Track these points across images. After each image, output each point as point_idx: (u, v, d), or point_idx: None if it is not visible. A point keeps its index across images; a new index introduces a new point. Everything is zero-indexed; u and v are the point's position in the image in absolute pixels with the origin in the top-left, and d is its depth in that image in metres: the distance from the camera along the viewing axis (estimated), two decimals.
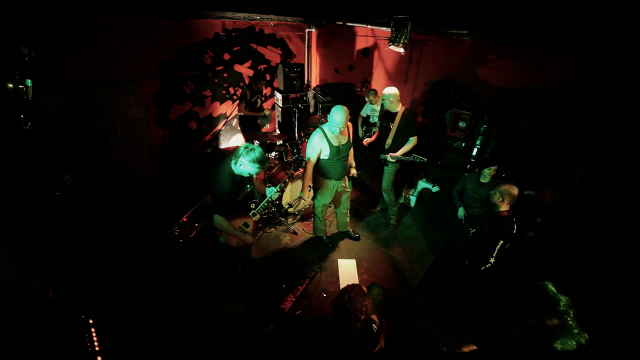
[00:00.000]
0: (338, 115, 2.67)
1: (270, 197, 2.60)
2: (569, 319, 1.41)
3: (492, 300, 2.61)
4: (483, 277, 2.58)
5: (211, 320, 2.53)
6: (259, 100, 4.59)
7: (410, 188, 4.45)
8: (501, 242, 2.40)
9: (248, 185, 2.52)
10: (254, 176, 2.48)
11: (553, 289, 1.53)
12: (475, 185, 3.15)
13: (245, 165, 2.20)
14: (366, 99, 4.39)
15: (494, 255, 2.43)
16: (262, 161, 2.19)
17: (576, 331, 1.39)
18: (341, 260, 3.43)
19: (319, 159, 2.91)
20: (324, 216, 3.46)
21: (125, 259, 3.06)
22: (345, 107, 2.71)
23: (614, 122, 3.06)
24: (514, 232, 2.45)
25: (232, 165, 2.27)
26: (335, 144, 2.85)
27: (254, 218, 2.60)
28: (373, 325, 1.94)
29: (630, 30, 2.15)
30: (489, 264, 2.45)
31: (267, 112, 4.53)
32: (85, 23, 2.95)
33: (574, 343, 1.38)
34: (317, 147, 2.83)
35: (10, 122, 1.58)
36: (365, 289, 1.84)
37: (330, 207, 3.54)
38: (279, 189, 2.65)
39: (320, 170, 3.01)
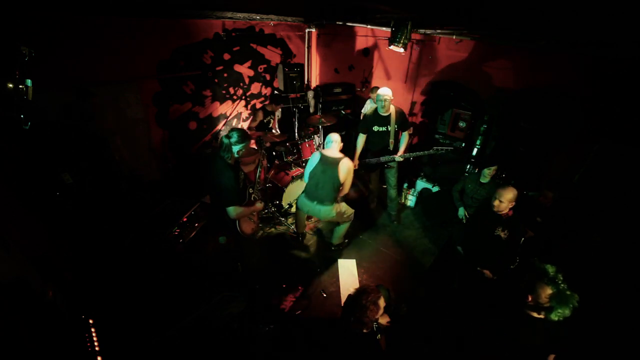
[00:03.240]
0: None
1: (258, 177, 2.93)
2: (560, 282, 1.55)
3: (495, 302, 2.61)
4: (507, 279, 2.59)
5: (211, 320, 2.54)
6: (271, 121, 4.61)
7: (410, 188, 4.45)
8: (522, 239, 2.53)
9: (241, 173, 2.68)
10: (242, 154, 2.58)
11: (539, 263, 1.70)
12: (475, 185, 3.15)
13: (235, 146, 2.42)
14: (371, 95, 4.38)
15: (520, 255, 2.54)
16: (244, 136, 2.44)
17: (568, 293, 1.53)
18: (341, 260, 3.43)
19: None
20: None
21: (125, 259, 3.06)
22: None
23: (614, 122, 3.06)
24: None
25: (226, 158, 2.44)
26: None
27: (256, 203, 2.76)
28: (378, 335, 1.93)
29: (630, 30, 2.15)
30: (517, 263, 2.54)
31: (275, 132, 4.57)
32: (85, 23, 2.94)
33: (569, 309, 1.50)
34: None
35: (11, 122, 1.58)
36: (382, 300, 1.82)
37: None
38: (260, 167, 3.04)
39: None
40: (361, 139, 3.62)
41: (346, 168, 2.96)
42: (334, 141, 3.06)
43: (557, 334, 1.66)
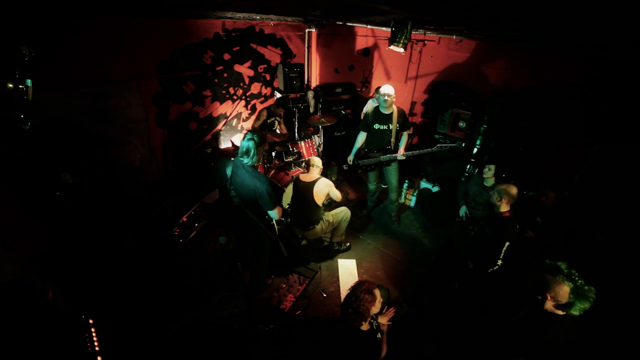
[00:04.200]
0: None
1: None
2: (577, 278, 1.53)
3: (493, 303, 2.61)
4: (489, 279, 2.58)
5: (211, 320, 2.54)
6: (276, 122, 4.58)
7: (410, 188, 4.45)
8: (507, 243, 2.40)
9: None
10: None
11: (550, 261, 1.68)
12: (479, 188, 3.14)
13: (259, 147, 2.28)
14: (375, 95, 4.38)
15: (501, 257, 2.43)
16: (264, 137, 2.31)
17: (586, 287, 1.52)
18: (341, 260, 3.44)
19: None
20: None
21: (125, 259, 3.06)
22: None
23: (614, 122, 3.06)
24: (517, 232, 2.45)
25: (251, 163, 2.30)
26: None
27: None
28: (378, 334, 1.95)
29: (630, 31, 2.15)
30: (497, 266, 2.46)
31: (278, 131, 4.55)
32: (85, 24, 2.95)
33: (588, 303, 1.50)
34: None
35: (11, 122, 1.58)
36: (378, 291, 1.87)
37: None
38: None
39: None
40: (361, 137, 3.62)
41: (321, 188, 3.01)
42: (314, 165, 3.11)
43: (573, 334, 1.64)
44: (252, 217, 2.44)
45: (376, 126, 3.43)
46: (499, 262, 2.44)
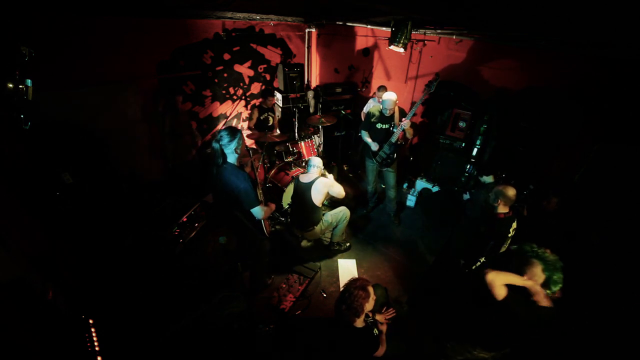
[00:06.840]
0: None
1: (257, 178, 2.84)
2: (540, 251, 1.65)
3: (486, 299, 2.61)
4: (477, 276, 2.58)
5: (211, 320, 2.54)
6: (270, 118, 4.56)
7: (410, 188, 4.45)
8: (492, 243, 2.40)
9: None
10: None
11: (516, 247, 1.82)
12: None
13: (230, 145, 2.24)
14: (377, 93, 4.40)
15: (485, 255, 2.43)
16: (232, 131, 2.26)
17: (552, 257, 1.62)
18: (341, 260, 3.44)
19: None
20: None
21: (125, 259, 3.06)
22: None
23: (614, 122, 3.06)
24: (509, 235, 2.44)
25: (233, 161, 2.29)
26: None
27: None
28: (375, 330, 1.95)
29: (630, 31, 2.15)
30: (479, 263, 2.46)
31: (277, 132, 4.46)
32: (85, 24, 2.95)
33: (560, 271, 1.60)
34: None
35: (11, 122, 1.58)
36: (371, 288, 1.88)
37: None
38: (256, 169, 2.95)
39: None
40: (366, 134, 3.71)
41: (320, 188, 2.98)
42: (314, 166, 3.07)
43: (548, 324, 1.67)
44: (240, 217, 2.42)
45: (379, 125, 3.56)
46: (482, 259, 2.44)
